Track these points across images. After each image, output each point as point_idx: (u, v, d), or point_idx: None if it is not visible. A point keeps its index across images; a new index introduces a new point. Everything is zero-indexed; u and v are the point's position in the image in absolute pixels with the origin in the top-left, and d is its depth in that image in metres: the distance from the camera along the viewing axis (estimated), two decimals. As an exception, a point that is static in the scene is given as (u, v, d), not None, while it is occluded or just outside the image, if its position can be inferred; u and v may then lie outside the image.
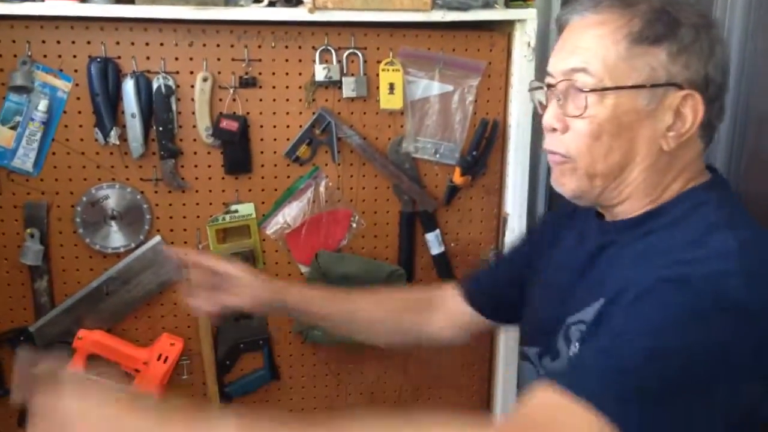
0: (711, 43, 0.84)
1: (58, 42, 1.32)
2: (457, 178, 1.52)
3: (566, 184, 0.92)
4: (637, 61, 0.84)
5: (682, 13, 0.85)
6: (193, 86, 1.37)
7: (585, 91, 0.86)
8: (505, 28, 1.48)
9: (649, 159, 0.88)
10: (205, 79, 1.36)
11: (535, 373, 1.03)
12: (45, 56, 1.32)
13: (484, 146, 1.52)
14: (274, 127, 1.44)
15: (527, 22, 1.43)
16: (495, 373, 1.67)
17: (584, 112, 0.86)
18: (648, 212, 0.91)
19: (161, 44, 1.35)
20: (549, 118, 0.90)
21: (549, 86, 0.91)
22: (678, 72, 0.84)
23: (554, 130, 0.90)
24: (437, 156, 1.52)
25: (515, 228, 1.57)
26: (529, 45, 1.45)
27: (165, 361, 1.46)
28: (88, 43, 1.33)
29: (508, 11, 1.43)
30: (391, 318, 1.26)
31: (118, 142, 1.35)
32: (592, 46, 0.86)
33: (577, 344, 0.90)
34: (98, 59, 1.32)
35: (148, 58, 1.35)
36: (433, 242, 1.56)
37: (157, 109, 1.36)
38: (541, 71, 1.72)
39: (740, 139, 1.21)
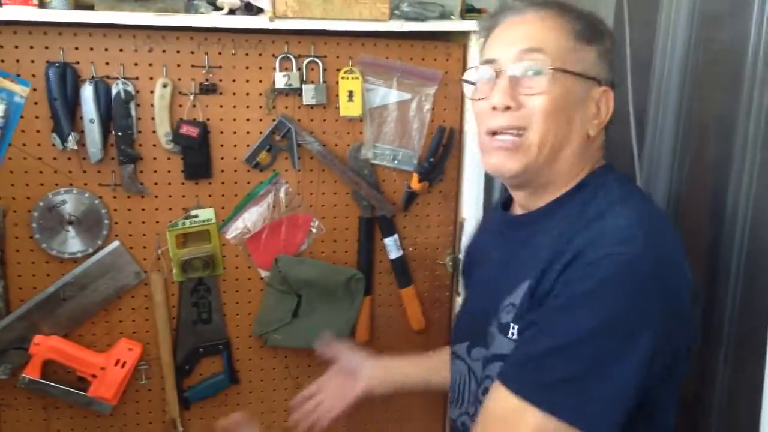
0: (615, 53, 1.01)
1: (16, 47, 1.32)
2: (415, 184, 1.55)
3: (513, 165, 0.99)
4: (579, 54, 0.98)
5: (603, 25, 1.02)
6: (152, 92, 1.38)
7: (549, 68, 0.95)
8: (461, 38, 1.52)
9: (578, 141, 0.99)
10: (164, 85, 1.37)
11: (465, 367, 1.11)
12: (2, 61, 1.32)
13: (441, 153, 1.55)
14: (234, 133, 1.46)
15: (482, 33, 1.48)
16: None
17: (545, 88, 0.96)
18: (558, 199, 1.02)
19: (120, 50, 1.36)
20: (504, 98, 0.97)
21: (497, 70, 0.99)
22: (601, 71, 1.00)
23: (507, 108, 0.97)
24: (395, 162, 1.55)
25: (471, 233, 1.60)
26: (484, 55, 1.49)
27: (123, 366, 1.46)
28: (47, 48, 1.32)
29: (463, 23, 1.47)
30: None
31: (76, 147, 1.34)
32: (544, 35, 0.98)
33: (514, 327, 0.97)
34: (56, 64, 1.32)
35: (107, 63, 1.35)
36: (392, 247, 1.59)
37: (116, 114, 1.36)
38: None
39: (683, 145, 1.28)
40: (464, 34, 1.50)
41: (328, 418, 1.34)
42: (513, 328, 0.97)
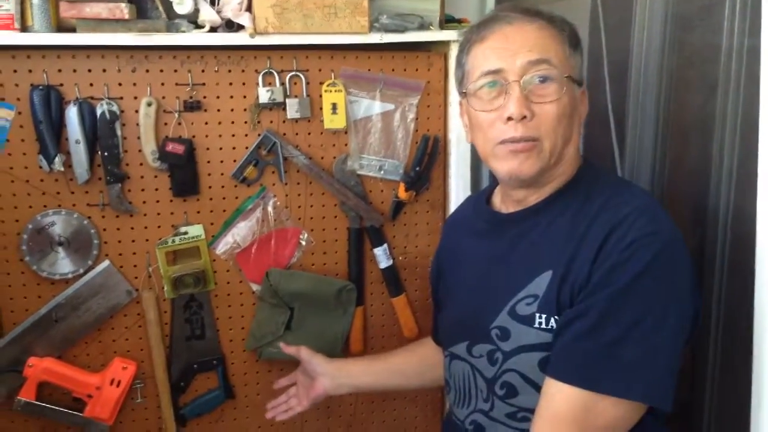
0: None
1: (0, 71, 1.33)
2: (402, 194, 1.56)
3: (529, 169, 1.03)
4: (572, 61, 1.04)
5: (577, 31, 1.08)
6: (137, 111, 1.39)
7: (563, 77, 1.01)
8: (441, 48, 1.53)
9: (576, 140, 1.07)
10: (149, 104, 1.38)
11: (467, 365, 1.14)
12: (-14, 86, 1.33)
13: (427, 162, 1.56)
14: (221, 149, 1.46)
15: (462, 42, 1.49)
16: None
17: (558, 96, 1.00)
18: (556, 192, 1.07)
19: (104, 71, 1.37)
20: (520, 108, 0.99)
21: (506, 81, 1.02)
22: (582, 74, 1.07)
23: (524, 117, 1.00)
24: (381, 173, 1.55)
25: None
26: (465, 63, 1.50)
27: (118, 385, 1.46)
28: (30, 71, 1.33)
29: (443, 32, 1.48)
30: (420, 367, 1.44)
31: (62, 169, 1.35)
32: (545, 44, 1.01)
33: (541, 316, 1.01)
34: (40, 87, 1.32)
35: (91, 84, 1.36)
36: (382, 257, 1.59)
37: (102, 134, 1.37)
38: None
39: (663, 146, 1.29)
40: (444, 44, 1.51)
41: (295, 410, 1.47)
42: (540, 318, 1.00)
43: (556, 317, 0.99)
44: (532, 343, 1.02)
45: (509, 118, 1.00)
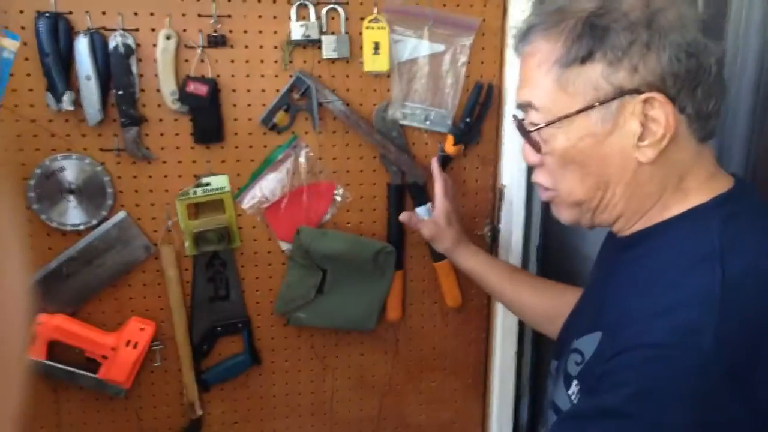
0: (658, 35, 0.74)
1: (2, -4, 1.19)
2: (449, 147, 1.40)
3: (561, 215, 0.89)
4: (575, 85, 0.78)
5: (612, 16, 0.76)
6: (155, 45, 1.24)
7: (534, 129, 0.83)
8: (501, -20, 1.35)
9: (626, 176, 0.80)
10: (168, 37, 1.23)
11: (550, 386, 0.96)
12: (-12, 12, 1.20)
13: (479, 112, 1.39)
14: (248, 91, 1.32)
15: (525, -27, 1.30)
16: (492, 354, 1.57)
17: (544, 147, 0.83)
18: (641, 232, 0.83)
19: (118, -2, 1.22)
20: (525, 157, 0.88)
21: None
22: (625, 79, 0.76)
23: (537, 164, 0.88)
24: (427, 123, 1.39)
25: (512, 201, 1.45)
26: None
27: (135, 346, 1.35)
28: (35, -4, 1.20)
29: (503, -40, 1.30)
30: (550, 312, 1.19)
31: (72, 108, 1.21)
32: (532, 79, 0.82)
33: (577, 386, 0.81)
34: (47, 15, 1.18)
35: (104, 13, 1.22)
36: (424, 216, 1.44)
37: (116, 71, 1.22)
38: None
39: (761, 129, 1.08)
40: (504, -25, 1.33)
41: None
42: (575, 386, 0.81)
43: None
44: (561, 408, 0.84)
45: None
